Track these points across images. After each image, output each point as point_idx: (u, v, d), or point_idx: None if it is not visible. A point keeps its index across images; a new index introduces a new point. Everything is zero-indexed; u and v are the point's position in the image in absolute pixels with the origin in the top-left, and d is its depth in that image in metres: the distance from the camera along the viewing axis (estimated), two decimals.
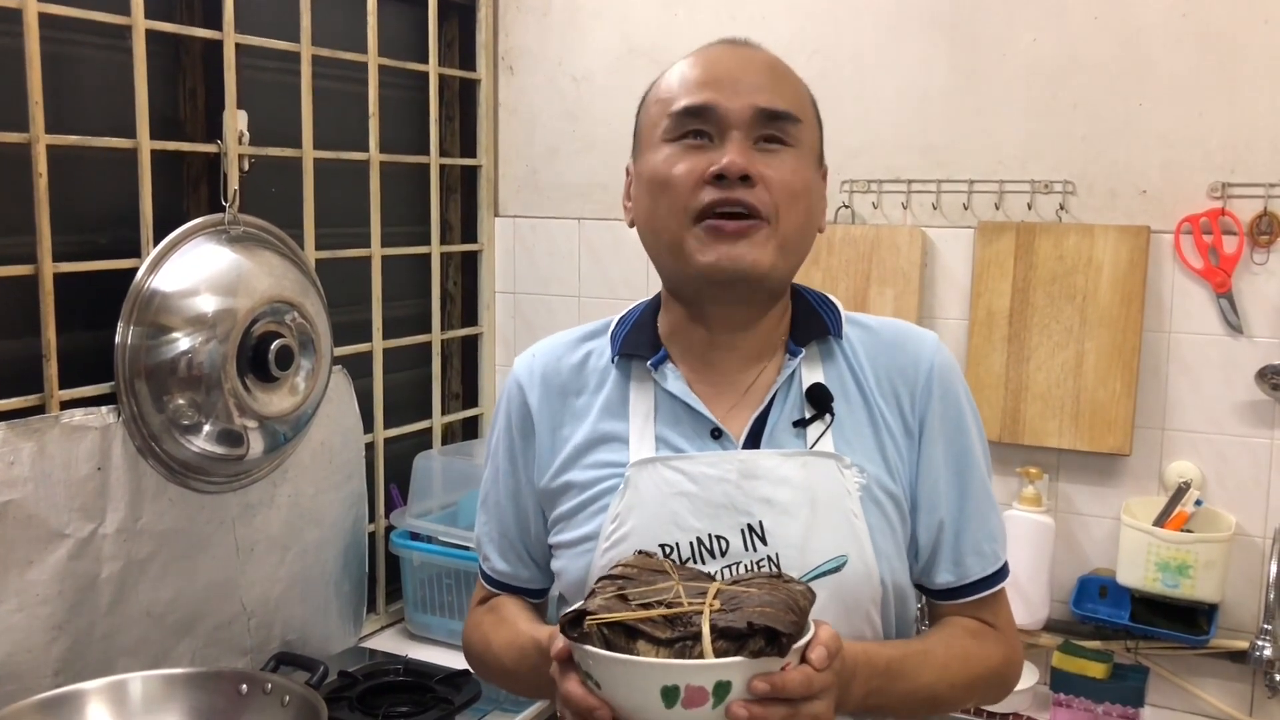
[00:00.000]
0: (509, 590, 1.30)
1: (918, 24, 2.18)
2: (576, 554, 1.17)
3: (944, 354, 1.20)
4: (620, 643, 0.92)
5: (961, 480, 1.18)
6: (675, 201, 1.10)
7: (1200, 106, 1.98)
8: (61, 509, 1.63)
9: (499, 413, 1.28)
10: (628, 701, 0.92)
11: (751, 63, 1.14)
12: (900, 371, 1.18)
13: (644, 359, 1.18)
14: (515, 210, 2.63)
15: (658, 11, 2.41)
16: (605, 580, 1.00)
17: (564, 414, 1.21)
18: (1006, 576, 1.22)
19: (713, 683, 0.88)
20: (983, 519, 1.19)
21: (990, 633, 1.21)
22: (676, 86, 1.14)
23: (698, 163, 1.10)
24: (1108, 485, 2.08)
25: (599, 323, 1.27)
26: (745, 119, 1.10)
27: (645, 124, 1.17)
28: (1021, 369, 2.09)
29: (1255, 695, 1.98)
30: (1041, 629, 2.07)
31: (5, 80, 1.62)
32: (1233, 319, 1.96)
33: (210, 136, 1.92)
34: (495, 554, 1.29)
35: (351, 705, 1.92)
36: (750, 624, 0.89)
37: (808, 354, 1.18)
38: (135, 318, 1.71)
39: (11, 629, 1.58)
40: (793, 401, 1.16)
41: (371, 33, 2.21)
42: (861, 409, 1.17)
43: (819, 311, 1.20)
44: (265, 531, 1.96)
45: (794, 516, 1.10)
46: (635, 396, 1.18)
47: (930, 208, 2.20)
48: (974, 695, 1.21)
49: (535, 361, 1.25)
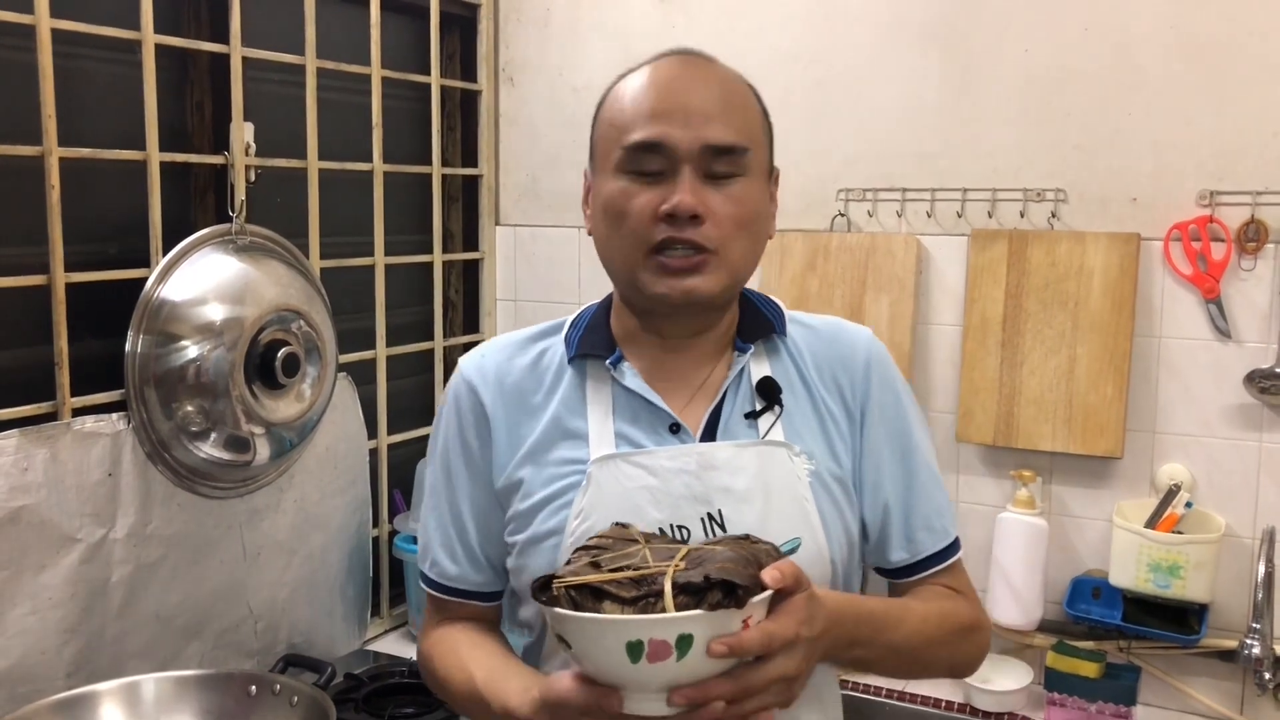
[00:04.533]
0: (459, 596, 1.29)
1: (912, 35, 2.22)
2: (539, 551, 1.19)
3: (878, 345, 1.28)
4: (587, 604, 0.95)
5: (906, 461, 1.25)
6: (630, 235, 1.15)
7: (1189, 115, 2.01)
8: (73, 514, 1.66)
9: (447, 414, 1.28)
10: (597, 660, 0.95)
11: (703, 87, 1.16)
12: (840, 363, 1.25)
13: (601, 358, 1.22)
14: (516, 219, 2.66)
15: (657, 23, 2.45)
16: (580, 551, 1.04)
17: (520, 412, 1.23)
18: (959, 550, 1.28)
19: (674, 635, 0.91)
20: (929, 496, 1.26)
21: (958, 595, 1.27)
22: (629, 113, 1.15)
23: (651, 198, 1.13)
24: (1100, 488, 2.11)
25: (547, 324, 1.30)
26: (695, 154, 1.13)
27: (600, 142, 1.20)
28: (1015, 374, 2.12)
29: (1245, 693, 2.01)
30: (1035, 629, 2.10)
31: (19, 94, 1.66)
32: (1221, 324, 1.99)
33: (217, 148, 1.96)
34: (446, 558, 1.28)
35: (357, 706, 1.95)
36: (707, 577, 0.93)
37: (755, 351, 1.24)
38: (145, 326, 1.75)
39: (25, 632, 1.61)
40: (744, 395, 1.22)
41: (374, 45, 2.25)
42: (806, 400, 1.23)
43: (763, 312, 1.27)
44: (271, 536, 1.99)
45: (750, 504, 1.16)
46: (593, 395, 1.22)
47: (925, 215, 2.23)
48: (954, 653, 1.25)
49: (486, 361, 1.27)
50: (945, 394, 2.22)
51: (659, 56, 1.20)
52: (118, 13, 1.76)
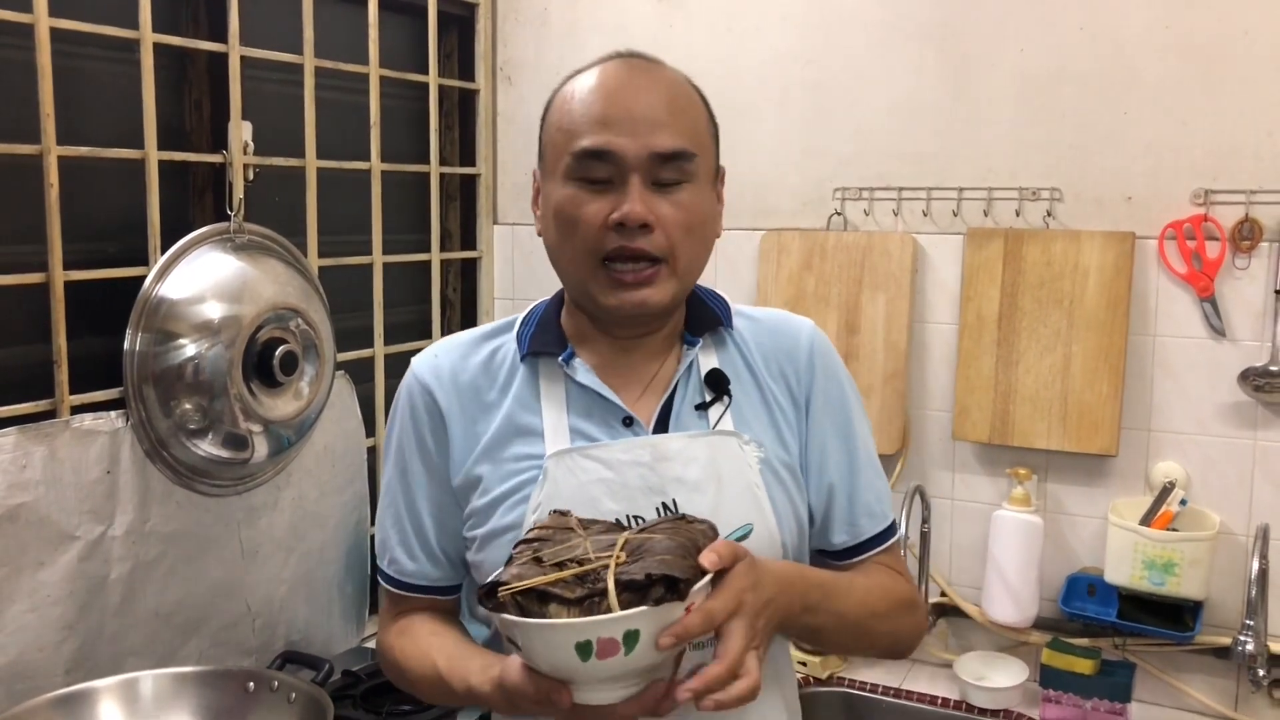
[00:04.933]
0: (417, 592, 1.30)
1: (909, 35, 2.23)
2: (497, 546, 1.20)
3: (820, 336, 1.31)
4: (534, 608, 0.98)
5: (849, 448, 1.28)
6: (580, 244, 1.16)
7: (1183, 115, 2.02)
8: (72, 511, 1.67)
9: (400, 414, 1.29)
10: (548, 661, 0.98)
11: (649, 93, 1.17)
12: (785, 353, 1.28)
13: (553, 355, 1.23)
14: (513, 218, 2.67)
15: (654, 23, 2.45)
16: (522, 545, 1.06)
17: (475, 409, 1.24)
18: (896, 533, 1.32)
19: (621, 633, 0.94)
20: (870, 483, 1.29)
21: (895, 573, 1.30)
22: (578, 118, 1.16)
23: (601, 207, 1.14)
24: (1095, 485, 2.12)
25: (497, 323, 1.31)
26: (643, 162, 1.14)
27: (548, 146, 1.21)
28: (1010, 372, 2.13)
29: (1239, 689, 2.02)
30: (1031, 627, 2.11)
31: (18, 93, 1.66)
32: (1216, 322, 2.00)
33: (216, 147, 1.96)
34: (404, 555, 1.29)
35: (355, 703, 1.95)
36: (648, 575, 0.96)
37: (703, 344, 1.26)
38: (143, 324, 1.75)
39: (23, 628, 1.62)
40: (693, 387, 1.24)
41: (373, 45, 2.25)
42: (754, 390, 1.26)
43: (710, 306, 1.29)
44: (270, 534, 2.00)
45: (703, 492, 1.18)
46: (546, 391, 1.23)
47: (921, 214, 2.24)
48: (896, 627, 1.27)
49: (439, 361, 1.27)
50: (941, 392, 2.23)
51: (605, 59, 1.22)
52: (116, 12, 1.76)
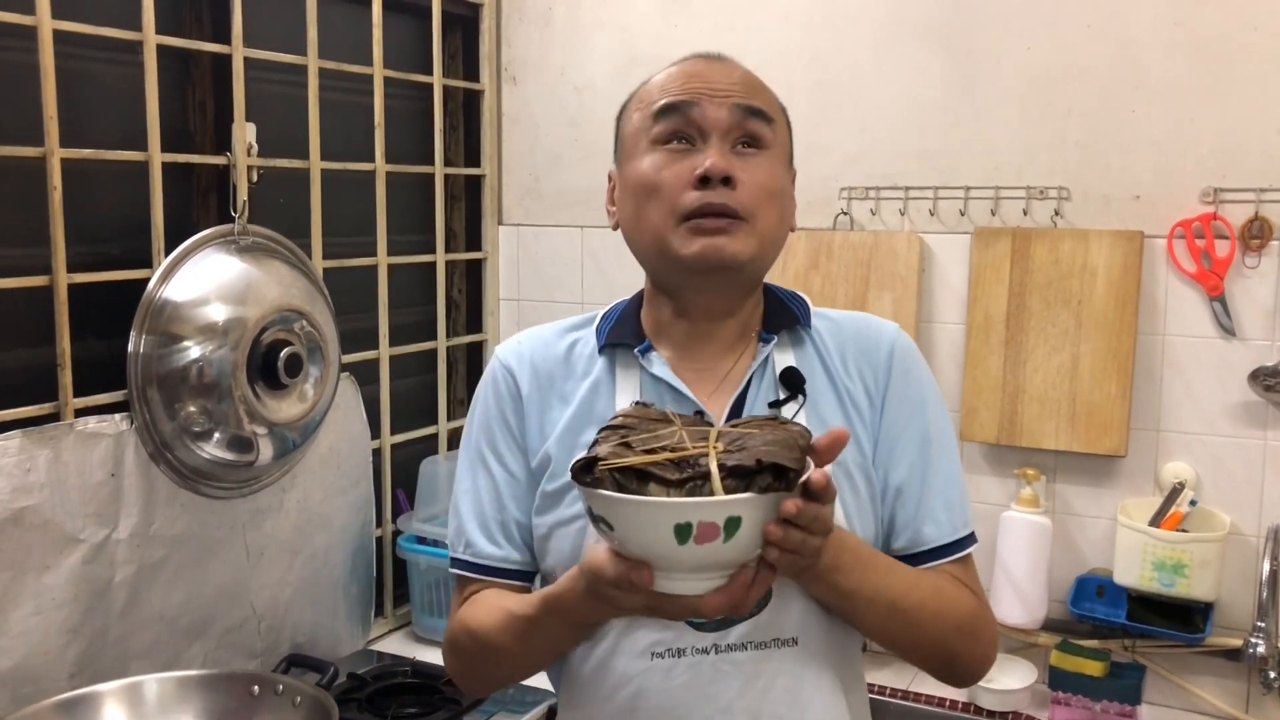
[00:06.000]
0: (492, 575, 1.27)
1: (914, 33, 2.22)
2: (567, 533, 1.20)
3: (904, 338, 1.28)
4: (632, 486, 0.95)
5: (922, 452, 1.24)
6: (663, 204, 1.17)
7: (1192, 113, 2.01)
8: (76, 515, 1.66)
9: (484, 397, 1.29)
10: (641, 541, 0.95)
11: (727, 72, 1.22)
12: (864, 354, 1.26)
13: (630, 347, 1.24)
14: (518, 218, 2.66)
15: (658, 22, 2.44)
16: (607, 430, 1.03)
17: (552, 397, 1.26)
18: (968, 547, 1.24)
19: (724, 518, 0.92)
20: (940, 491, 1.23)
21: (962, 585, 1.23)
22: (657, 92, 1.21)
23: (683, 167, 1.17)
24: (1104, 486, 2.10)
25: (581, 317, 1.33)
26: (724, 120, 1.17)
27: (628, 130, 1.24)
28: (1018, 372, 2.12)
29: (1250, 692, 2.01)
30: (1040, 628, 2.10)
31: (21, 95, 1.66)
32: (1225, 322, 1.99)
33: (219, 148, 1.96)
34: (483, 539, 1.27)
35: (361, 706, 1.95)
36: (759, 460, 0.93)
37: (779, 342, 1.25)
38: (147, 327, 1.75)
39: (28, 632, 1.61)
40: (768, 384, 1.23)
41: (376, 45, 2.25)
42: (830, 391, 1.24)
43: (788, 305, 1.29)
44: (275, 536, 1.99)
45: None
46: (621, 382, 1.24)
47: (928, 214, 2.23)
48: (943, 631, 1.19)
49: (523, 348, 1.30)
50: (949, 393, 2.21)
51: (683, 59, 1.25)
52: (119, 13, 1.76)
